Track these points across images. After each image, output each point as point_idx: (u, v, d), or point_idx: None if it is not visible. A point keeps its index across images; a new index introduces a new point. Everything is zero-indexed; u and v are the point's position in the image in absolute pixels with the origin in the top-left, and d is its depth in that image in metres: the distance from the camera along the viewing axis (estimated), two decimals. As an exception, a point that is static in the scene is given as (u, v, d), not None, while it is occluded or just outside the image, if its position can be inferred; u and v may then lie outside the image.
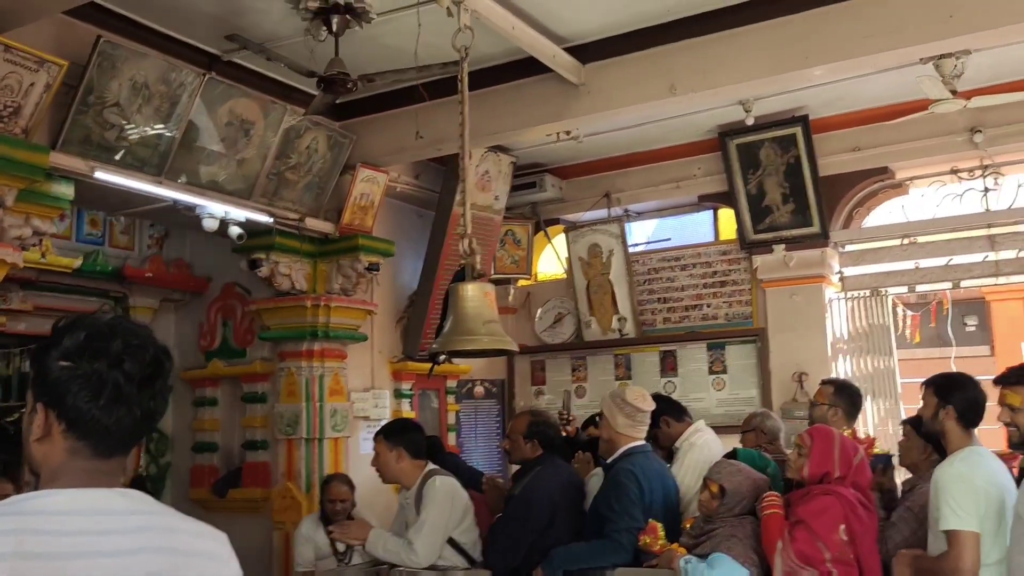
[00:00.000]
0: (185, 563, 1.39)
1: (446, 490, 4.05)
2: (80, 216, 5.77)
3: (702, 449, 4.35)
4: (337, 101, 5.12)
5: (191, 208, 5.06)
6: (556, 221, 7.48)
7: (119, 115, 4.34)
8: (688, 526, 3.73)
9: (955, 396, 3.29)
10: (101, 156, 4.38)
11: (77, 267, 5.58)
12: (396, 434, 4.23)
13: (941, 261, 6.25)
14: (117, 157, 4.46)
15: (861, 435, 4.49)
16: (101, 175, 4.41)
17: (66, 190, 4.32)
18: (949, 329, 7.04)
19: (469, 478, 4.64)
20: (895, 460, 4.16)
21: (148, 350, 1.43)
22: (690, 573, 3.35)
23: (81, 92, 4.13)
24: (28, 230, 4.20)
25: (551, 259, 7.77)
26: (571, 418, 5.04)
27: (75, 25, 4.25)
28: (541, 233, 7.48)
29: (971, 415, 3.29)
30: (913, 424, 3.79)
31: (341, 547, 4.91)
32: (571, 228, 7.27)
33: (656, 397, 4.10)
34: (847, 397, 4.35)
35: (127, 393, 1.39)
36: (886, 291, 6.41)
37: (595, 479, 4.13)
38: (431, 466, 4.24)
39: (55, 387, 1.38)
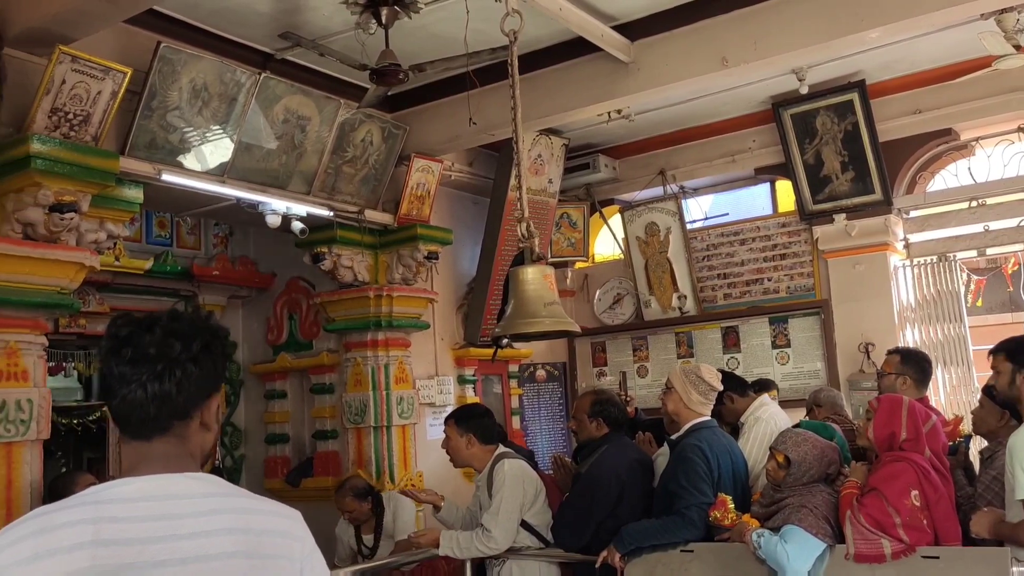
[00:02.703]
0: (259, 542, 1.42)
1: (515, 473, 4.07)
2: (149, 218, 5.98)
3: (768, 422, 4.32)
4: (389, 92, 5.18)
5: (254, 205, 5.18)
6: (611, 201, 7.46)
7: (181, 118, 4.47)
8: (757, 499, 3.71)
9: None
10: (166, 159, 4.52)
11: (148, 268, 5.78)
12: (467, 420, 4.26)
13: (1012, 222, 6.06)
14: (181, 159, 4.59)
15: (948, 416, 4.38)
16: (167, 177, 4.54)
17: (136, 193, 4.48)
18: (1022, 293, 6.83)
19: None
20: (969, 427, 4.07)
21: (152, 333, 1.45)
22: (763, 547, 3.31)
23: (144, 97, 4.26)
24: (103, 234, 4.36)
25: (608, 240, 7.76)
26: (629, 398, 5.01)
27: (136, 32, 4.39)
28: (597, 214, 7.46)
29: None
30: (987, 392, 3.70)
31: (369, 543, 5.01)
32: (627, 208, 7.24)
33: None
34: (915, 365, 4.25)
35: (120, 372, 1.43)
36: (954, 256, 6.24)
37: (661, 458, 4.12)
38: (502, 449, 4.26)
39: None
